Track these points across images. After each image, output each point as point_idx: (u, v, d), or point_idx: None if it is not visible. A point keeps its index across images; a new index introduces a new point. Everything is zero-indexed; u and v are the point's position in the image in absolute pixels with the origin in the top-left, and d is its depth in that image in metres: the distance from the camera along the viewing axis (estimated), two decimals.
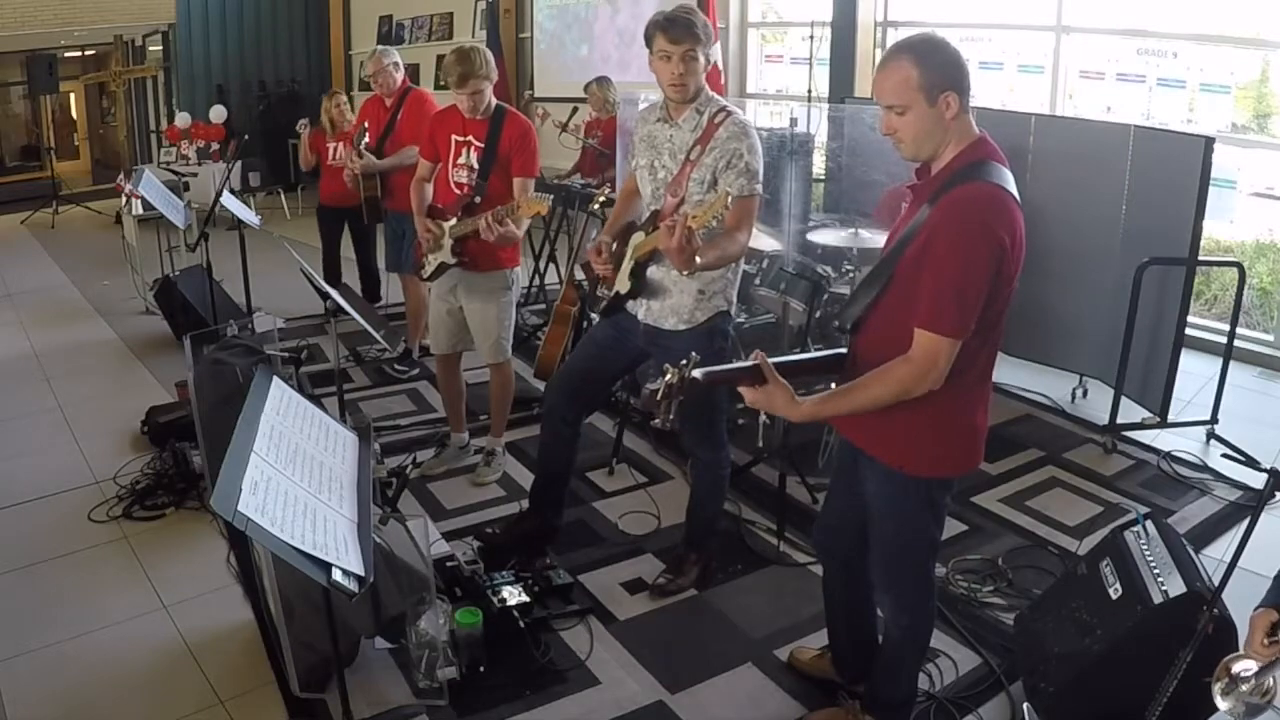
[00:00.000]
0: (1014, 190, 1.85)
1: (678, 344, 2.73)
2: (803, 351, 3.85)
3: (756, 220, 2.81)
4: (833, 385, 1.99)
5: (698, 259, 2.36)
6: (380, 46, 4.93)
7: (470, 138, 3.41)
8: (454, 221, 3.42)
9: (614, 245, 2.85)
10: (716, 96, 2.72)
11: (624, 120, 5.60)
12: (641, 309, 2.80)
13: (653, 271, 2.74)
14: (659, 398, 1.80)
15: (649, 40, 2.63)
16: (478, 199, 3.38)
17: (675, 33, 2.55)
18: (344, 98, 5.62)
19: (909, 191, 2.03)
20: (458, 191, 3.45)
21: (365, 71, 4.93)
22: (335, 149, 5.45)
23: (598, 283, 2.98)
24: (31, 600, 2.97)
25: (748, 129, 2.64)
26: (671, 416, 1.82)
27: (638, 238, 2.77)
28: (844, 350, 2.09)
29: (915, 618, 2.22)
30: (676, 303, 2.73)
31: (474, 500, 3.60)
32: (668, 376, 1.80)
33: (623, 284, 2.80)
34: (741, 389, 1.87)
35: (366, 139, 4.85)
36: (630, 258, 2.78)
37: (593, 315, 4.36)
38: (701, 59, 2.60)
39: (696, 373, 1.81)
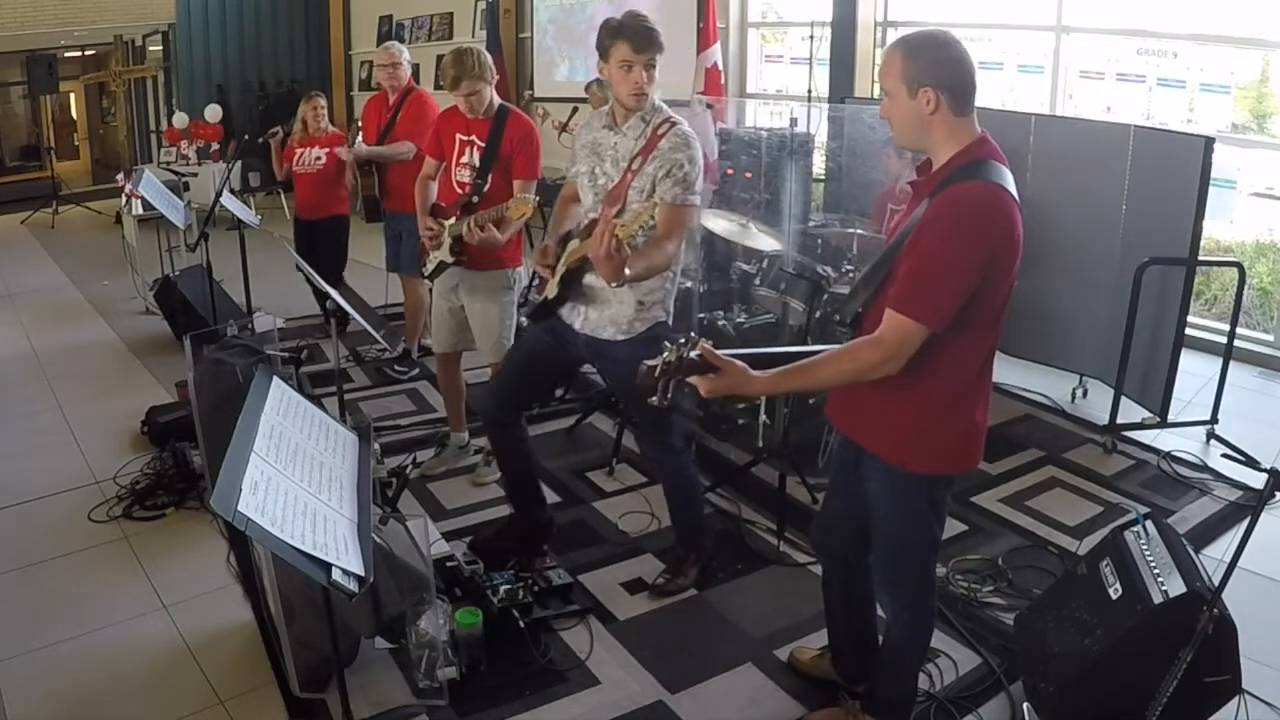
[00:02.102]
0: (1013, 189, 1.85)
1: (619, 352, 2.73)
2: None
3: (757, 220, 2.82)
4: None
5: (626, 270, 2.34)
6: (395, 42, 4.92)
7: (473, 137, 3.42)
8: (453, 220, 3.43)
9: (557, 251, 2.83)
10: (663, 105, 2.71)
11: None
12: (579, 318, 2.79)
13: (590, 280, 2.72)
14: (656, 375, 1.80)
15: (605, 48, 2.60)
16: (475, 198, 3.39)
17: (639, 42, 2.54)
18: (323, 102, 5.60)
19: (909, 188, 2.03)
20: (460, 191, 3.46)
21: (376, 61, 4.89)
22: (301, 155, 5.38)
23: (529, 287, 2.98)
24: (31, 600, 2.97)
25: (690, 140, 2.63)
26: (669, 396, 1.80)
27: (573, 244, 2.77)
28: (833, 347, 2.08)
29: (916, 616, 2.22)
30: (615, 313, 2.72)
31: (474, 500, 3.60)
32: (665, 354, 1.79)
33: (551, 290, 2.80)
34: (696, 381, 1.80)
35: (360, 139, 4.84)
36: (563, 264, 2.77)
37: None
38: (657, 67, 2.61)
39: (694, 353, 1.80)
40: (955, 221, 1.79)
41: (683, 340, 1.80)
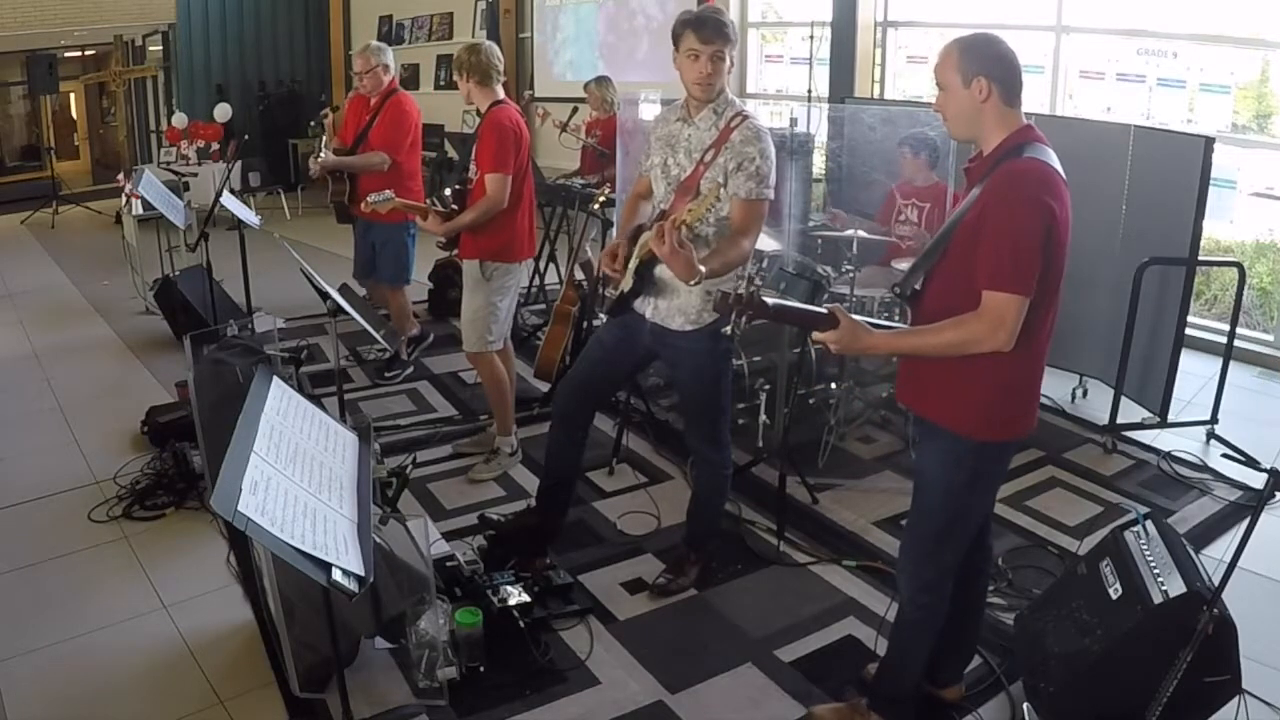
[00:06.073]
0: (1057, 166, 1.98)
1: (684, 344, 2.74)
2: (803, 350, 3.85)
3: None
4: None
5: (701, 268, 2.36)
6: (374, 43, 4.76)
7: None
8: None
9: (626, 248, 2.84)
10: (734, 99, 2.73)
11: (624, 120, 5.59)
12: (649, 308, 2.80)
13: (660, 271, 2.73)
14: (730, 304, 1.93)
15: (677, 38, 2.64)
16: (446, 191, 3.65)
17: (706, 33, 2.57)
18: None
19: (921, 186, 2.11)
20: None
21: (354, 67, 4.83)
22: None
23: (598, 283, 2.99)
24: (32, 600, 2.97)
25: (761, 134, 2.65)
26: (738, 330, 1.98)
27: (645, 237, 2.77)
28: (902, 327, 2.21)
29: (933, 597, 2.24)
30: (684, 303, 2.73)
31: (474, 500, 3.60)
32: (738, 287, 1.92)
33: (626, 283, 2.81)
34: (818, 335, 2.02)
35: (326, 149, 4.75)
36: (635, 256, 2.78)
37: (594, 316, 4.38)
38: (728, 60, 2.63)
39: (768, 299, 1.93)
40: (1011, 195, 1.93)
41: (750, 277, 1.97)
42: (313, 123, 5.79)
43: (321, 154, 4.67)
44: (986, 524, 2.36)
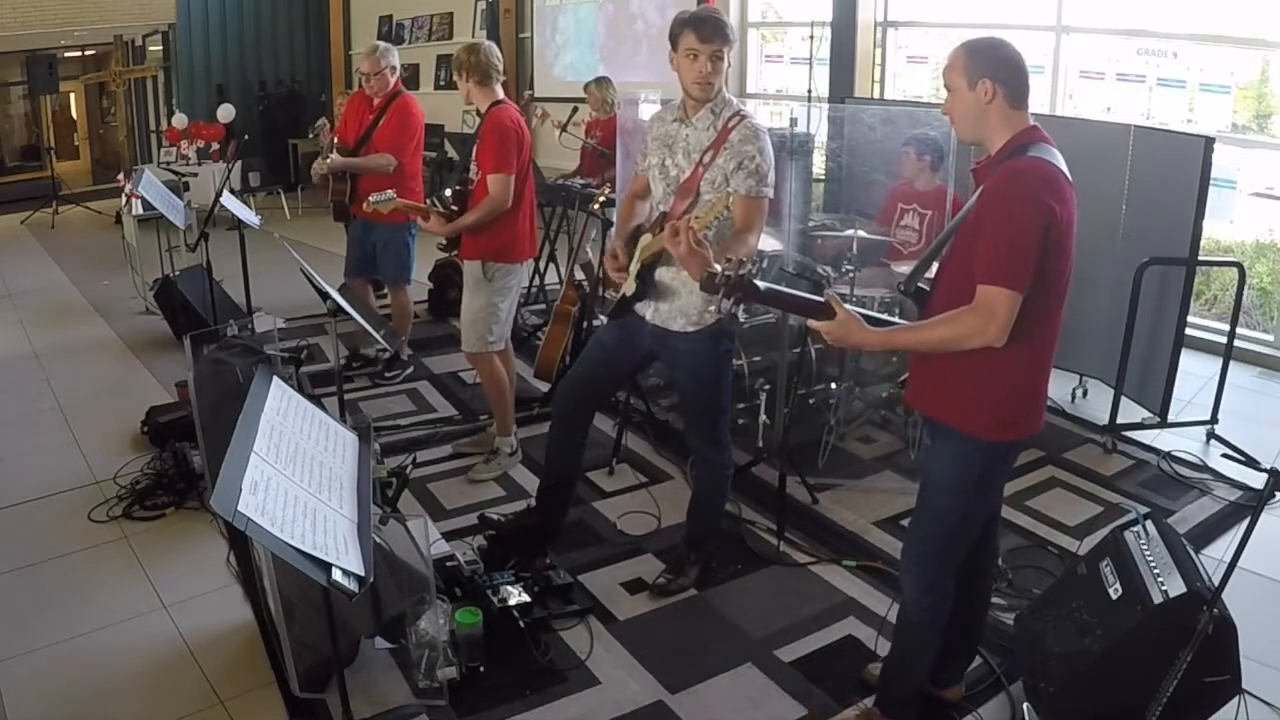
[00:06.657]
0: (1062, 166, 1.99)
1: (684, 345, 2.74)
2: (803, 349, 3.85)
3: None
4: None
5: (716, 266, 2.36)
6: (381, 44, 4.71)
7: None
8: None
9: (626, 251, 2.84)
10: (731, 99, 2.73)
11: (624, 120, 5.59)
12: (649, 310, 2.80)
13: (661, 274, 2.73)
14: (716, 283, 1.92)
15: (675, 38, 2.63)
16: (446, 191, 3.68)
17: (705, 32, 2.57)
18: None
19: (920, 188, 2.12)
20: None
21: (359, 68, 4.74)
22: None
23: (598, 284, 2.98)
24: (32, 600, 2.97)
25: (759, 133, 2.65)
26: (724, 310, 1.98)
27: (645, 239, 2.77)
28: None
29: (936, 597, 2.25)
30: (685, 304, 2.73)
31: (474, 500, 3.60)
32: (727, 270, 1.91)
33: (629, 287, 2.80)
34: (813, 323, 2.02)
35: (334, 152, 4.70)
36: (637, 260, 2.78)
37: (594, 316, 4.38)
38: (726, 60, 2.63)
39: (760, 283, 1.92)
40: (1010, 193, 1.95)
41: (740, 261, 1.95)
42: (311, 133, 5.70)
43: (330, 156, 4.65)
44: (992, 524, 2.36)
